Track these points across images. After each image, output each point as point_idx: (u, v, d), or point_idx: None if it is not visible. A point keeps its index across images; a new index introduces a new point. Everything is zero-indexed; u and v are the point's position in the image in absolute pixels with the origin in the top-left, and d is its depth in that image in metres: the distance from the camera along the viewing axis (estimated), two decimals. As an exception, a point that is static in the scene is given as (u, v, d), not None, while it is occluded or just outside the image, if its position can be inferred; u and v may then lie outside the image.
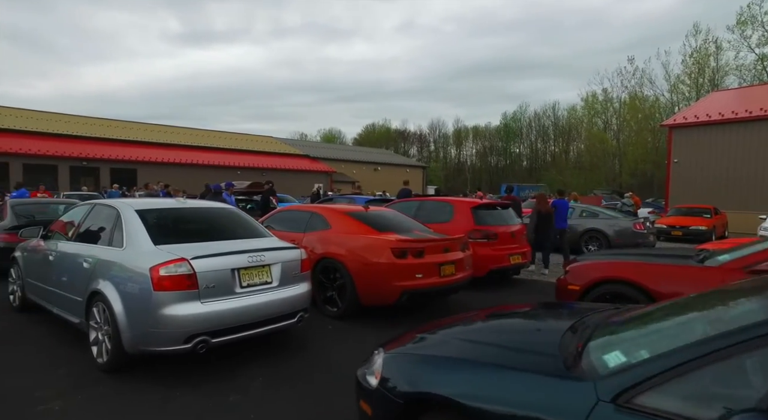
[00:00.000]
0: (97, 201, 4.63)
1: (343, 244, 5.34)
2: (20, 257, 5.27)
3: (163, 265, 3.37)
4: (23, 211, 7.70)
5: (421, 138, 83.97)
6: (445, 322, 2.80)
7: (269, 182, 10.61)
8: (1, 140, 24.33)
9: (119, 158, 27.46)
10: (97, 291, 3.70)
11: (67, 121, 30.25)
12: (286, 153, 38.45)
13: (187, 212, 4.46)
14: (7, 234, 6.90)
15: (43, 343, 4.32)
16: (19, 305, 5.24)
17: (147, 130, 33.44)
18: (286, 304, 3.98)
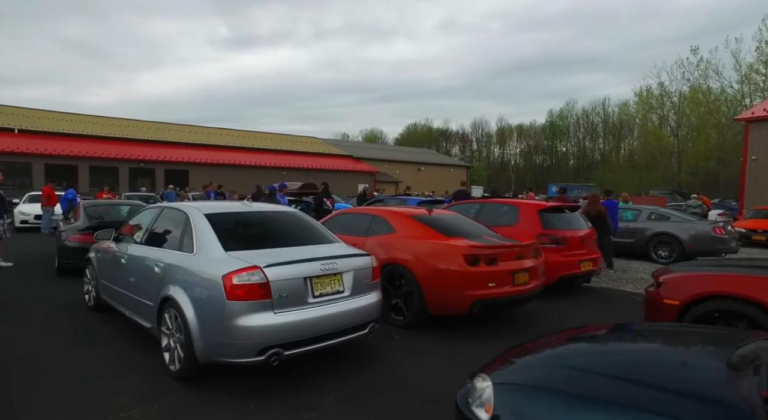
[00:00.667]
0: (166, 204, 4.61)
1: (410, 249, 5.08)
2: (94, 258, 5.37)
3: (235, 273, 3.23)
4: (94, 212, 7.98)
5: (464, 137, 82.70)
6: (551, 342, 2.48)
7: (324, 183, 10.55)
8: (71, 144, 25.93)
9: (172, 160, 28.56)
10: (169, 297, 3.63)
11: (126, 125, 31.86)
12: (329, 153, 38.79)
13: (255, 216, 4.35)
14: (81, 234, 7.13)
15: (118, 345, 4.33)
16: (94, 305, 5.34)
17: (197, 133, 34.68)
18: (358, 314, 3.77)
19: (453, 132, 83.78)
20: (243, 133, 38.37)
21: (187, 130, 34.67)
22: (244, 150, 33.45)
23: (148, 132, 31.51)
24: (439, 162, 47.64)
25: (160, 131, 32.38)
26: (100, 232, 5.12)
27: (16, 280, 7.00)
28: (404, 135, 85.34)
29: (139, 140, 29.65)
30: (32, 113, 29.23)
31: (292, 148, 37.00)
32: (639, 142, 50.63)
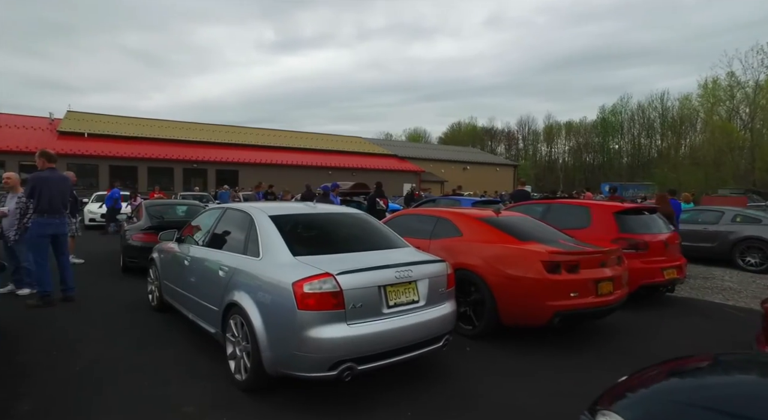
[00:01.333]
0: (228, 205, 4.48)
1: (480, 254, 4.71)
2: (157, 259, 5.37)
3: (306, 281, 3.00)
4: (155, 212, 8.13)
5: (509, 135, 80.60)
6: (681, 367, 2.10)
7: (378, 183, 10.34)
8: (132, 147, 27.27)
9: (223, 160, 29.40)
10: (234, 303, 3.46)
11: (180, 128, 33.16)
12: (374, 153, 38.73)
13: (321, 218, 4.13)
14: (144, 234, 7.26)
15: (182, 349, 4.24)
16: (157, 305, 5.33)
17: (246, 134, 35.58)
18: (433, 326, 3.46)
19: (498, 130, 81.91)
20: (290, 134, 39.04)
21: (236, 131, 35.67)
22: (290, 150, 33.99)
23: (200, 133, 32.65)
24: (485, 161, 46.51)
25: (211, 133, 33.48)
26: (164, 233, 5.10)
27: (86, 276, 7.21)
28: (448, 134, 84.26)
29: (192, 142, 30.74)
30: (99, 118, 31.03)
31: (338, 147, 37.22)
32: (704, 138, 47.13)
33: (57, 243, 5.69)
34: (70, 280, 5.78)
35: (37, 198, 5.44)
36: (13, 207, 5.84)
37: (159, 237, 5.14)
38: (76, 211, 8.61)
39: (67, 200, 5.83)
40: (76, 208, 8.61)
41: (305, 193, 12.80)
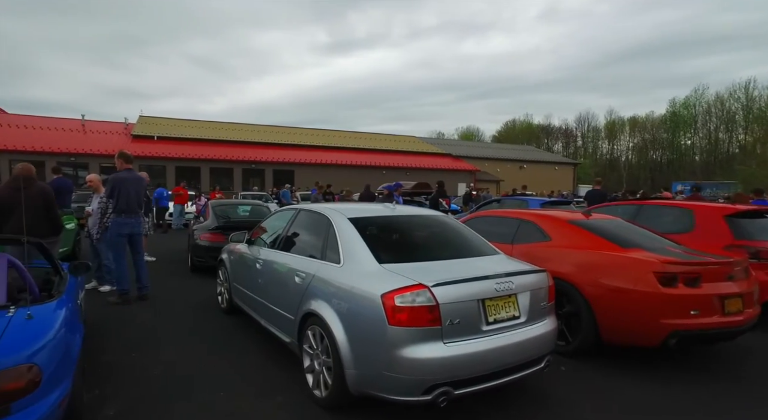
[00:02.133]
0: (302, 206, 4.26)
1: (574, 261, 4.19)
2: (227, 260, 5.27)
3: (398, 293, 2.66)
4: (221, 212, 8.19)
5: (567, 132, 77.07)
6: None
7: (440, 182, 9.93)
8: (195, 148, 28.54)
9: (279, 160, 30.06)
10: (313, 313, 3.20)
11: (239, 129, 34.30)
12: (428, 152, 38.21)
13: (403, 221, 3.79)
14: (211, 234, 7.30)
15: (253, 356, 4.06)
16: (227, 308, 5.24)
17: (302, 134, 36.23)
18: (535, 345, 3.02)
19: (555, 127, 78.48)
20: (344, 134, 39.36)
21: (292, 132, 36.43)
22: (344, 150, 34.20)
23: (258, 135, 33.60)
24: (542, 159, 44.57)
25: (268, 134, 34.39)
26: (234, 235, 4.98)
27: (157, 274, 7.35)
28: (502, 132, 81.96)
29: (251, 143, 31.69)
30: (167, 122, 32.80)
31: (391, 147, 37.05)
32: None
33: (133, 242, 5.77)
34: (145, 279, 5.85)
35: (116, 198, 5.53)
36: (96, 207, 6.02)
37: (229, 238, 5.03)
38: (148, 210, 8.88)
39: (142, 200, 5.91)
40: (149, 208, 8.89)
41: (364, 193, 12.60)
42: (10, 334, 2.20)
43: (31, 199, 4.90)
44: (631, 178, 64.00)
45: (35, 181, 5.02)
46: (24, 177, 4.95)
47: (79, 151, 25.50)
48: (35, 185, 4.96)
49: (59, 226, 5.06)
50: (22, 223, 4.91)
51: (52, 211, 4.98)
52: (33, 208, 4.88)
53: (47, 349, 2.27)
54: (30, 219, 4.89)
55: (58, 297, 2.85)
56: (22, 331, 2.27)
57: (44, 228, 4.93)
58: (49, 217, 4.95)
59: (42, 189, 4.97)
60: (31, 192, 4.89)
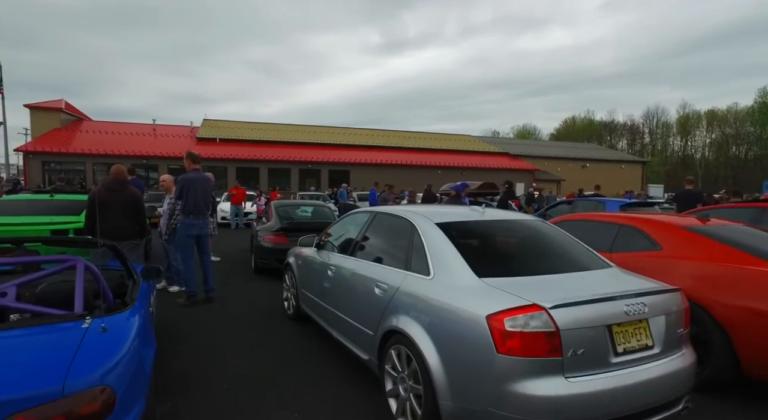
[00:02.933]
0: (379, 209, 3.90)
1: (697, 275, 3.53)
2: (294, 264, 5.04)
3: (508, 314, 2.22)
4: (284, 213, 8.07)
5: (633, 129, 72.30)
6: None
7: (508, 182, 9.30)
8: (254, 149, 29.39)
9: (335, 161, 30.28)
10: (397, 330, 2.82)
11: (295, 130, 34.97)
12: (483, 151, 37.10)
13: (496, 227, 3.32)
14: (274, 235, 7.17)
15: (324, 371, 3.76)
16: (293, 314, 5.01)
17: (357, 135, 36.35)
18: (672, 382, 2.46)
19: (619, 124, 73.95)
20: (398, 134, 39.10)
21: (347, 133, 36.65)
22: (399, 150, 33.92)
23: (314, 136, 34.09)
24: (607, 157, 41.93)
25: (324, 134, 34.80)
26: (303, 238, 4.72)
27: (221, 275, 7.34)
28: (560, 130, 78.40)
29: (307, 143, 32.20)
30: (229, 125, 34.10)
31: (446, 146, 36.32)
32: None
33: (200, 243, 5.71)
34: (211, 281, 5.77)
35: (184, 199, 5.48)
36: (166, 207, 6.04)
37: (298, 242, 4.77)
38: (213, 211, 8.91)
39: (209, 201, 5.84)
40: (214, 209, 8.91)
41: (426, 194, 12.17)
42: (84, 352, 2.01)
43: (121, 202, 4.95)
44: (708, 176, 58.97)
45: (127, 183, 5.07)
46: (116, 180, 5.00)
47: (150, 153, 27.04)
48: (127, 188, 5.00)
49: (146, 229, 5.09)
50: (115, 223, 4.99)
51: (141, 214, 5.00)
52: (123, 210, 4.92)
53: (121, 366, 2.08)
54: (120, 220, 4.95)
55: (131, 304, 2.68)
56: (96, 346, 2.08)
57: (132, 230, 4.97)
58: (137, 219, 4.97)
59: (133, 193, 5.02)
60: (122, 195, 4.94)
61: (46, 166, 26.05)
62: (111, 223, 4.84)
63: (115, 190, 4.94)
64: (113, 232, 4.86)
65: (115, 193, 4.95)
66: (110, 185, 5.00)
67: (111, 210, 4.89)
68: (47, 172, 25.86)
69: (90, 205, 4.90)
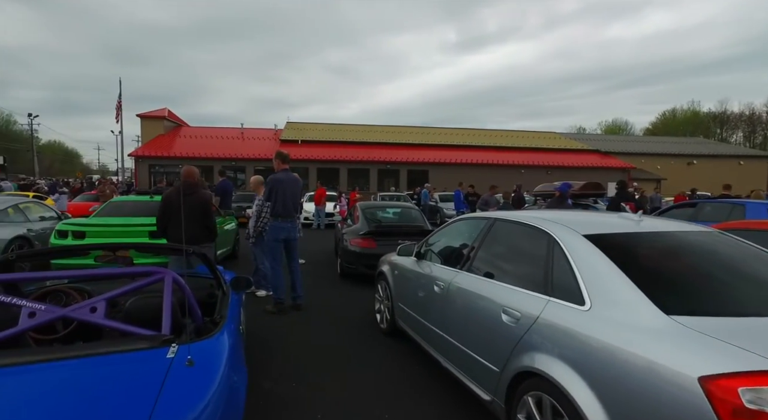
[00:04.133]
0: (499, 215, 3.25)
1: None
2: (389, 274, 4.55)
3: (744, 380, 1.49)
4: (371, 215, 7.68)
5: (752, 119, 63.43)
6: None
7: (621, 182, 8.11)
8: (333, 150, 29.89)
9: (413, 161, 29.82)
10: (537, 372, 2.18)
11: (374, 131, 35.07)
12: (570, 148, 34.51)
13: (671, 243, 2.53)
14: (362, 239, 6.79)
15: (429, 406, 3.19)
16: (387, 329, 4.53)
17: (435, 134, 35.60)
18: None
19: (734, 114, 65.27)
20: (478, 132, 37.73)
21: (425, 132, 36.05)
22: (479, 148, 32.62)
23: (393, 135, 33.91)
24: (721, 152, 36.99)
25: (402, 134, 34.51)
26: (404, 247, 4.20)
27: (307, 279, 7.10)
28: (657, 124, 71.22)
29: (385, 143, 32.08)
30: (310, 126, 35.13)
31: (529, 144, 34.30)
32: None
33: (289, 247, 5.45)
34: (299, 287, 5.49)
35: (273, 201, 5.24)
36: (254, 209, 5.89)
37: (397, 251, 4.25)
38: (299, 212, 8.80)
39: (298, 203, 5.57)
40: (300, 210, 8.81)
41: (516, 196, 11.21)
42: (169, 392, 1.67)
43: (190, 206, 4.82)
44: None
45: (197, 186, 4.94)
46: (186, 182, 4.90)
47: (238, 155, 28.54)
48: (197, 192, 4.87)
49: (214, 232, 4.92)
50: (185, 227, 4.91)
51: (209, 217, 4.84)
52: (192, 214, 4.79)
53: (210, 407, 1.71)
54: (190, 224, 4.83)
55: (221, 323, 2.33)
56: (183, 384, 1.74)
57: (200, 234, 4.81)
58: (205, 223, 4.81)
59: (202, 196, 4.86)
60: (191, 198, 4.81)
61: (152, 169, 28.56)
62: (182, 226, 4.73)
63: (185, 193, 4.82)
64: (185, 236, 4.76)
65: (184, 197, 4.82)
66: (180, 187, 4.90)
67: (180, 213, 4.77)
68: (152, 175, 28.34)
69: (161, 207, 4.79)
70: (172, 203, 4.80)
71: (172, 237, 4.83)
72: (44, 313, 2.04)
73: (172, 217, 4.75)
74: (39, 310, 2.04)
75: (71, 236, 5.49)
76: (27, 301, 2.05)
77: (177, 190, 4.90)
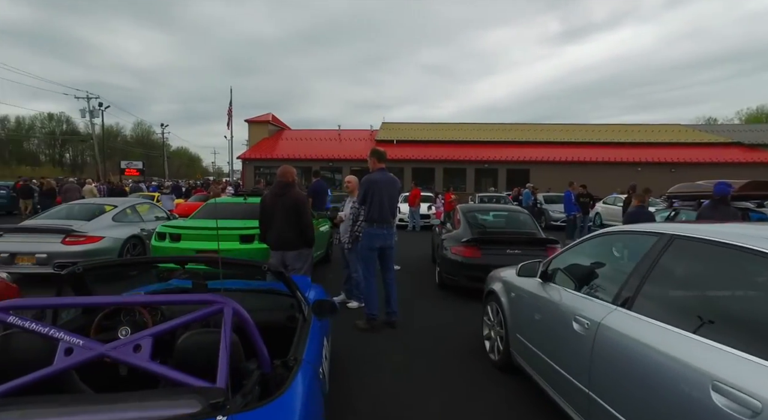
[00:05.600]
0: (677, 230, 2.27)
1: None
2: (502, 296, 3.72)
3: None
4: (474, 219, 6.83)
5: None
6: None
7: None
8: (429, 150, 29.24)
9: (513, 159, 28.00)
10: None
11: (470, 129, 33.67)
12: (701, 142, 29.79)
13: None
14: (464, 247, 5.98)
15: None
16: (499, 362, 3.71)
17: (536, 131, 33.16)
18: None
19: None
20: (584, 127, 34.39)
21: (525, 129, 33.77)
22: (586, 145, 29.63)
23: (490, 133, 32.23)
24: None
25: (500, 132, 32.68)
26: (525, 267, 3.33)
27: (401, 289, 6.49)
28: (817, 110, 58.93)
29: (483, 142, 30.59)
30: (405, 126, 34.91)
31: (647, 139, 30.34)
32: None
33: (384, 257, 4.86)
34: (394, 303, 4.87)
35: (368, 204, 4.69)
36: (348, 212, 5.42)
37: (518, 270, 3.40)
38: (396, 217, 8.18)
39: (396, 206, 4.97)
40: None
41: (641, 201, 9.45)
42: None
43: (283, 207, 4.45)
44: None
45: (292, 186, 4.57)
46: (279, 182, 4.55)
47: (336, 156, 29.22)
48: (291, 192, 4.49)
49: (310, 237, 4.49)
50: (280, 231, 4.58)
51: (303, 220, 4.43)
52: (285, 216, 4.42)
53: None
54: (284, 228, 4.48)
55: (295, 371, 1.76)
56: None
57: (295, 238, 4.42)
58: (300, 226, 4.41)
59: (294, 196, 4.47)
60: (284, 199, 4.44)
61: (257, 170, 30.46)
62: (276, 230, 4.41)
63: (278, 194, 4.45)
64: (278, 240, 4.43)
65: (278, 198, 4.44)
66: (274, 189, 4.54)
67: (275, 216, 4.43)
68: (257, 176, 30.21)
69: (260, 211, 4.51)
70: (266, 205, 4.52)
71: (269, 241, 4.55)
72: (81, 350, 1.62)
73: (268, 220, 4.48)
74: (77, 345, 1.63)
75: (168, 238, 5.51)
76: (65, 333, 1.65)
77: (271, 191, 4.60)
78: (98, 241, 6.28)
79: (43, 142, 72.82)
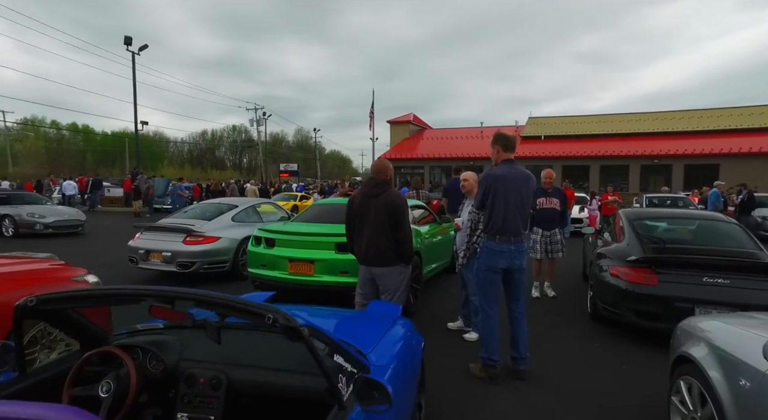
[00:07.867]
0: None
1: None
2: (714, 372, 2.13)
3: None
4: (645, 230, 4.99)
5: None
6: None
7: None
8: (582, 145, 25.75)
9: (693, 153, 22.87)
10: None
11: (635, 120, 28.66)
12: None
13: None
14: (631, 269, 4.28)
15: None
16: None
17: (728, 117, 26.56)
18: None
19: None
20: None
21: (712, 115, 27.36)
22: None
23: (661, 123, 26.94)
24: None
25: (675, 121, 27.10)
26: None
27: (535, 318, 5.06)
28: None
29: (651, 134, 25.76)
30: (554, 121, 31.62)
31: None
32: None
33: (510, 281, 3.56)
34: (523, 345, 3.54)
35: (488, 209, 3.47)
36: (465, 218, 4.25)
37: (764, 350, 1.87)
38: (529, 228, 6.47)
39: (528, 213, 3.65)
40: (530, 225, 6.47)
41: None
42: None
43: (374, 210, 3.53)
44: None
45: (387, 185, 3.63)
46: (371, 180, 3.66)
47: (477, 155, 27.72)
48: (387, 192, 3.56)
49: (408, 253, 3.51)
50: (369, 240, 3.68)
51: (402, 229, 3.45)
52: (377, 222, 3.49)
53: None
54: (375, 237, 3.57)
55: None
56: None
57: (387, 250, 3.46)
58: (395, 235, 3.44)
59: (390, 197, 3.51)
60: (376, 201, 3.51)
61: (397, 170, 30.68)
62: (365, 239, 3.47)
63: (370, 194, 3.51)
64: (366, 252, 3.52)
65: (370, 199, 3.50)
66: (366, 188, 3.62)
67: (366, 221, 3.49)
68: (398, 176, 30.41)
69: (346, 214, 3.66)
70: (354, 207, 3.68)
71: (356, 252, 3.71)
72: None
73: (357, 226, 3.64)
74: None
75: (264, 243, 5.09)
76: None
77: (361, 191, 3.75)
78: (215, 241, 6.28)
79: (228, 150, 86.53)
